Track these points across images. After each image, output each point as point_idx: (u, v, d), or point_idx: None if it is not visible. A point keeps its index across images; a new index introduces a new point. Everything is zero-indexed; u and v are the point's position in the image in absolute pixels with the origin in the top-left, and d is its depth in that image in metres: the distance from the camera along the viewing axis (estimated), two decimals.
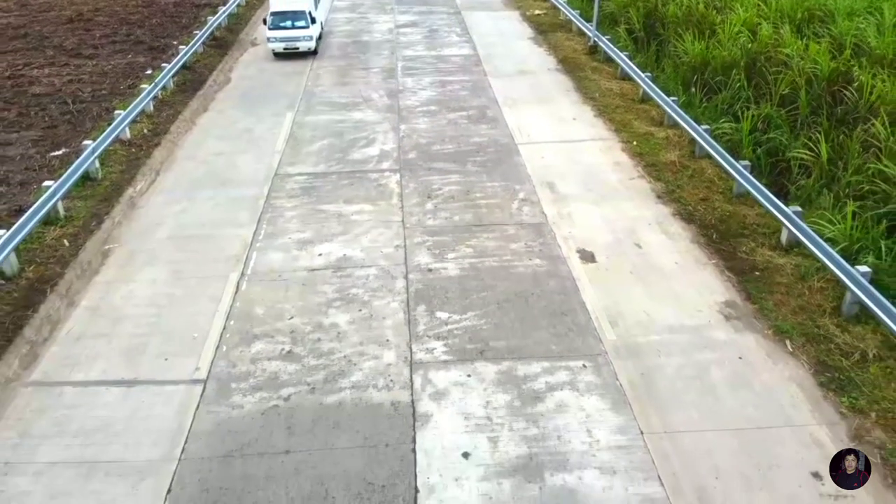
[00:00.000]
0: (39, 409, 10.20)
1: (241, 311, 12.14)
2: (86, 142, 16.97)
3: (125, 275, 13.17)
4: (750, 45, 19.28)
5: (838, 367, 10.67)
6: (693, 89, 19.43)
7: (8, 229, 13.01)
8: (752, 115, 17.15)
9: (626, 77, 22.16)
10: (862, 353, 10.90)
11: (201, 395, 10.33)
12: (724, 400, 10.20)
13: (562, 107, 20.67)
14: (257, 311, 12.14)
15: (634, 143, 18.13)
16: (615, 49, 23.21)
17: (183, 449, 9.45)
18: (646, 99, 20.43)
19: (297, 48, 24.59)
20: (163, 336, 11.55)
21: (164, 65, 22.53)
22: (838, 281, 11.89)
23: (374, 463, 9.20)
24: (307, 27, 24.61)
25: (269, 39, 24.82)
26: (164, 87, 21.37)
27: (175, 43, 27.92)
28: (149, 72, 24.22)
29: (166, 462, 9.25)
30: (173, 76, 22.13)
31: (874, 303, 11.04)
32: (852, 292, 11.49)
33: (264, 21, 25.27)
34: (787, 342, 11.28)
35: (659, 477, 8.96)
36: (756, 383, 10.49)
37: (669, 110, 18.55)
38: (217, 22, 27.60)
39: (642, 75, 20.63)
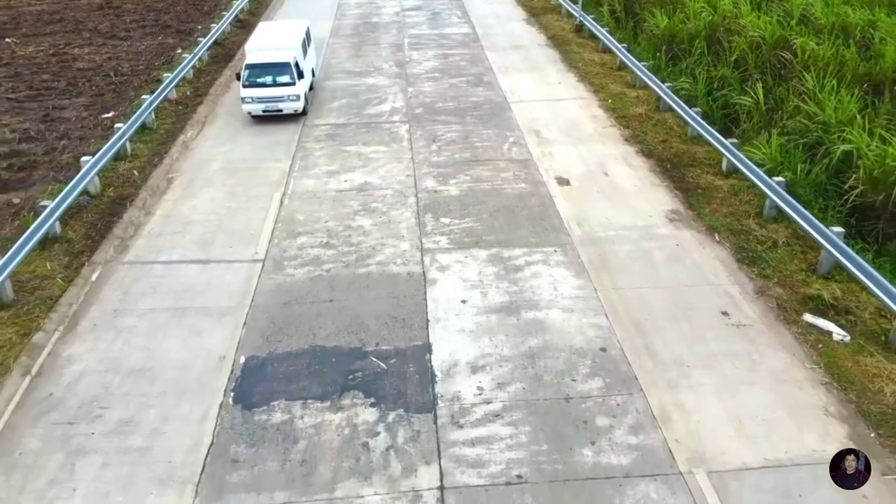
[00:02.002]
0: (136, 278, 13.68)
1: (286, 217, 15.63)
2: (143, 96, 20.48)
3: (188, 194, 16.66)
4: (711, 18, 22.78)
5: (753, 250, 14.13)
6: (659, 54, 22.93)
7: (92, 156, 16.52)
8: (708, 75, 20.67)
9: (606, 50, 25.66)
10: (773, 241, 14.37)
11: (262, 269, 13.81)
12: (661, 270, 13.65)
13: (549, 74, 24.19)
14: (299, 217, 15.63)
15: (609, 100, 21.63)
16: (598, 26, 26.74)
17: (252, 299, 12.92)
18: (622, 67, 23.93)
19: (280, 110, 20.15)
20: (225, 233, 15.04)
21: (199, 39, 26.06)
22: (762, 193, 15.33)
23: (396, 306, 12.67)
24: (293, 83, 20.01)
25: (243, 100, 20.13)
26: (200, 59, 24.86)
27: (199, 27, 31.56)
28: (178, 51, 27.82)
29: (240, 307, 12.71)
30: (207, 49, 25.59)
31: (787, 205, 14.47)
32: (771, 199, 14.95)
33: (237, 76, 20.65)
34: (716, 234, 14.75)
35: (605, 314, 12.41)
36: (687, 260, 13.96)
37: (640, 73, 22.07)
38: (240, 6, 31.19)
39: (619, 46, 24.17)
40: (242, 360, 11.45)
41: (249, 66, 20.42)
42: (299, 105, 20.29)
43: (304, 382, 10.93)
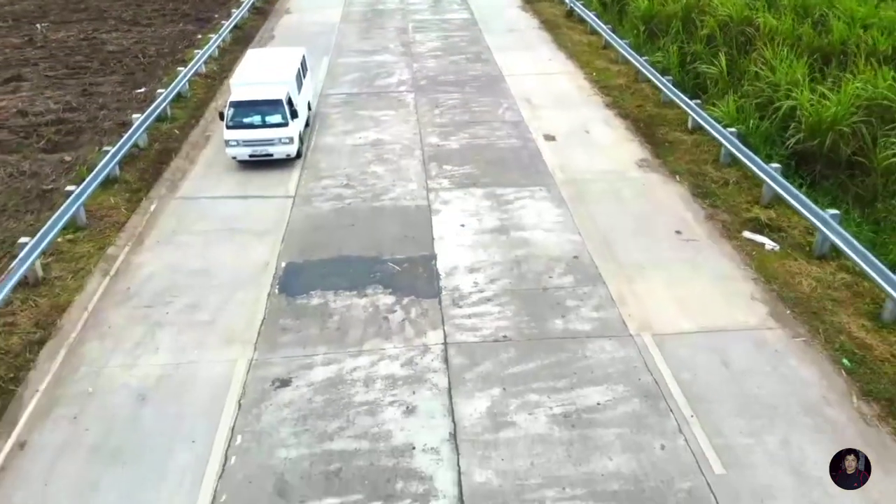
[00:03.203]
0: (187, 209, 16.54)
1: (310, 165, 18.48)
2: (178, 68, 23.35)
3: (224, 148, 19.49)
4: (686, 1, 25.64)
5: (708, 187, 16.96)
6: (637, 32, 25.87)
7: (141, 113, 19.39)
8: (681, 50, 23.53)
9: (594, 32, 28.55)
10: (725, 180, 17.20)
11: (293, 203, 16.66)
12: (628, 203, 16.48)
13: (541, 52, 27.08)
14: (321, 165, 18.49)
15: (594, 74, 24.50)
16: (586, 11, 29.65)
17: (287, 224, 15.76)
18: (607, 46, 26.80)
19: (270, 155, 18.02)
20: (259, 178, 17.88)
21: (222, 22, 28.97)
22: (719, 143, 18.15)
23: (407, 229, 15.50)
24: (285, 124, 17.93)
25: (227, 143, 18.04)
26: (223, 40, 27.74)
27: (216, 16, 34.43)
28: (199, 37, 30.69)
29: (277, 230, 15.54)
30: (230, 31, 28.50)
31: (738, 150, 17.29)
32: (725, 146, 17.79)
33: (221, 115, 18.44)
34: (677, 176, 17.60)
35: (579, 233, 15.24)
36: (651, 196, 16.79)
37: (622, 50, 24.93)
38: None
39: (604, 28, 27.07)
40: (283, 265, 14.29)
41: (235, 104, 18.19)
42: (292, 149, 18.14)
43: (334, 279, 13.77)
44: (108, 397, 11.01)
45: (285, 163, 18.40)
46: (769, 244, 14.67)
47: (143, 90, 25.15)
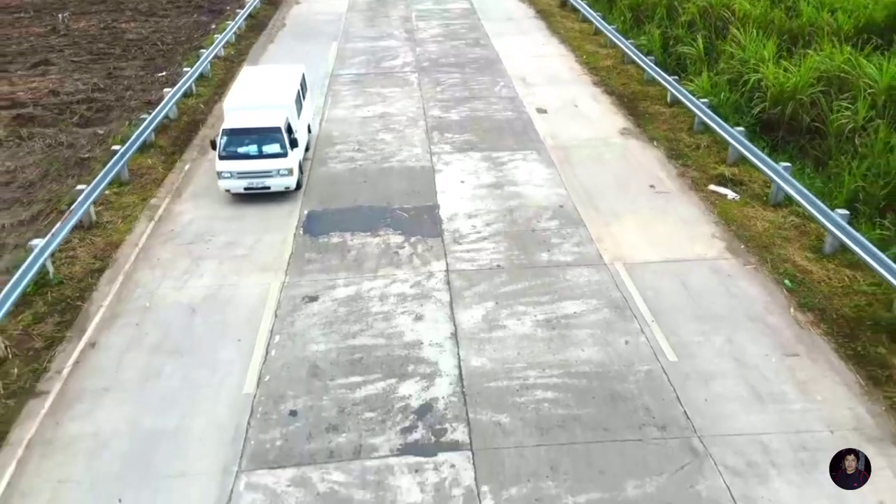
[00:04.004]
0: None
1: (325, 134, 20.70)
2: (201, 49, 25.59)
3: None
4: None
5: (681, 151, 19.18)
6: (623, 18, 28.17)
7: (173, 87, 21.62)
8: (664, 34, 25.77)
9: (585, 20, 30.79)
10: (697, 145, 19.42)
11: (311, 164, 18.85)
12: (610, 165, 18.69)
13: (535, 38, 29.35)
14: (335, 133, 20.72)
15: (584, 56, 26.74)
16: (578, 0, 31.88)
17: (307, 180, 17.94)
18: (597, 32, 29.04)
19: (268, 188, 16.78)
20: None
21: (237, 10, 31.22)
22: (693, 113, 20.36)
23: (413, 185, 17.70)
24: (283, 154, 16.68)
25: (219, 175, 16.74)
26: (238, 27, 29.99)
27: (227, 8, 36.69)
28: (213, 27, 32.92)
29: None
30: (245, 19, 30.76)
31: (708, 118, 19.50)
32: (698, 115, 20.01)
33: (213, 144, 17.06)
34: (655, 142, 19.82)
35: (565, 187, 17.44)
36: (630, 158, 19.00)
37: (610, 35, 27.18)
38: None
39: (595, 15, 29.33)
40: (306, 212, 16.52)
41: (228, 132, 16.82)
42: (291, 181, 16.85)
43: (350, 223, 15.99)
44: (163, 310, 13.22)
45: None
46: (731, 195, 16.88)
47: (163, 74, 27.38)
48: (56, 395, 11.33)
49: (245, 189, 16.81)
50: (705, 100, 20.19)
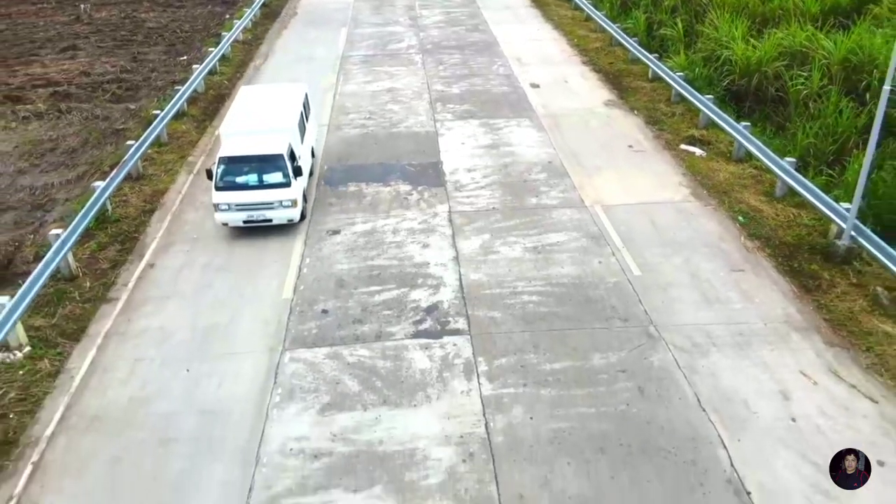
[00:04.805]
0: None
1: (338, 106, 23.22)
2: (223, 33, 28.13)
3: None
4: None
5: (658, 118, 21.69)
6: (611, 4, 30.72)
7: (200, 64, 24.14)
8: (649, 19, 28.30)
9: (577, 8, 33.35)
10: (673, 113, 21.93)
11: (328, 130, 21.37)
12: (595, 131, 21.19)
13: (531, 24, 31.90)
14: (347, 105, 23.24)
15: (575, 40, 29.27)
16: None
17: (324, 143, 20.45)
18: (588, 18, 31.59)
19: (269, 220, 15.73)
20: None
21: (250, 0, 33.79)
22: (670, 86, 22.86)
23: (418, 146, 20.21)
24: (286, 184, 15.68)
25: (216, 207, 15.64)
26: (254, 14, 32.53)
27: (241, 0, 39.22)
28: (227, 17, 35.43)
29: (317, 147, 20.22)
30: (260, 7, 33.31)
31: (683, 89, 22.01)
32: (675, 88, 22.52)
33: (209, 174, 15.90)
34: (635, 111, 22.32)
35: (554, 148, 19.94)
36: (614, 126, 21.51)
37: (599, 20, 29.74)
38: None
39: (585, 2, 31.87)
40: (325, 167, 19.01)
41: (226, 160, 15.78)
42: (295, 213, 15.82)
43: (364, 176, 18.49)
44: (209, 240, 15.73)
45: (318, 105, 23.13)
46: (699, 152, 19.38)
47: (185, 58, 29.88)
48: (125, 301, 13.84)
49: (244, 222, 15.72)
50: (681, 73, 22.70)
